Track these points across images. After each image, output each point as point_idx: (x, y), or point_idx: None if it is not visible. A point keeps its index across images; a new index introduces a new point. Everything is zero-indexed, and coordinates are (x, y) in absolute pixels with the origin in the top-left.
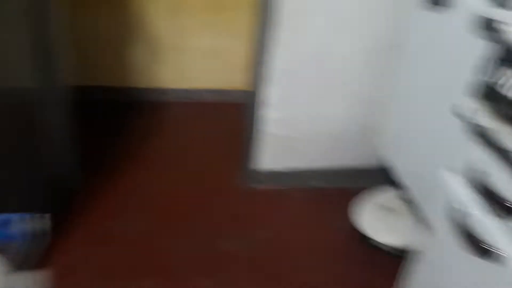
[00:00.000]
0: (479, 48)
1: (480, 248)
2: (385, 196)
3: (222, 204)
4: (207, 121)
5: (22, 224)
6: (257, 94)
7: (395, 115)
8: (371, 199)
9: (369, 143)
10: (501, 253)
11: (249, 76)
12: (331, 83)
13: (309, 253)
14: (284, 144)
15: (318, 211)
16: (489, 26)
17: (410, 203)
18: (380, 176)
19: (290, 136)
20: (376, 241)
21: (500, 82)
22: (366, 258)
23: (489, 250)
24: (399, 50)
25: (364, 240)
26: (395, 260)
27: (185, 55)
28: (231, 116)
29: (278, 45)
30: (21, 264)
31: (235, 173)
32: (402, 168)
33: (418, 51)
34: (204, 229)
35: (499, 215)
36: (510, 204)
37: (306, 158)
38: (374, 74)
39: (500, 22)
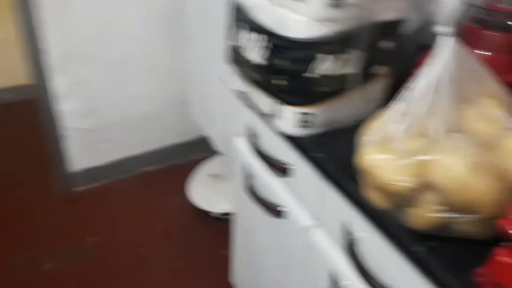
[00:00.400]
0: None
1: (269, 209)
2: (212, 165)
3: (40, 218)
4: (4, 126)
5: None
6: (45, 86)
7: (197, 84)
8: (200, 171)
9: (189, 115)
10: (285, 209)
11: (30, 68)
12: (128, 61)
13: (150, 243)
14: (94, 136)
15: (152, 197)
16: None
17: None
18: (208, 146)
19: (98, 126)
20: (213, 212)
21: (239, 44)
22: (208, 230)
23: (278, 210)
24: (185, 16)
25: (203, 213)
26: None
27: None
28: (34, 115)
29: (48, 28)
30: None
31: (50, 180)
32: (214, 136)
33: (197, 16)
34: (22, 252)
35: (276, 174)
36: (281, 164)
37: (125, 146)
38: (171, 44)
39: None
